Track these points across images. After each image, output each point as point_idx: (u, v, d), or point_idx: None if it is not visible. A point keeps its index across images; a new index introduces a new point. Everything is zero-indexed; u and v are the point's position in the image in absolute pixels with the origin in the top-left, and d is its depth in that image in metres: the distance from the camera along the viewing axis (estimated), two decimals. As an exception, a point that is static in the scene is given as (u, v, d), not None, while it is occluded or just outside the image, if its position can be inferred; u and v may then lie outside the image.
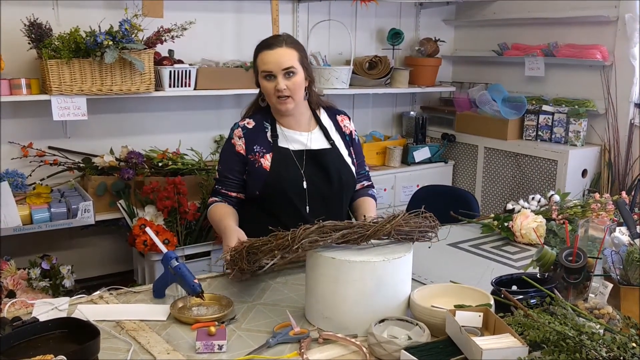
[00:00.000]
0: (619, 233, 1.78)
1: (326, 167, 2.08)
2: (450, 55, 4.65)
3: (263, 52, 2.01)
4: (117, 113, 3.38)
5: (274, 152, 2.05)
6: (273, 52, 1.99)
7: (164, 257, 1.70)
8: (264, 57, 2.00)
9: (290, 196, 2.04)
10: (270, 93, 2.01)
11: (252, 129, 2.08)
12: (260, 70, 2.01)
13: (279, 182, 2.03)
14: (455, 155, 4.35)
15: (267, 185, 2.03)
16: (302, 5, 3.89)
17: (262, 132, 2.08)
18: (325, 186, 2.08)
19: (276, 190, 2.03)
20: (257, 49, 2.05)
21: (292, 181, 2.04)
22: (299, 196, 2.05)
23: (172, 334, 1.52)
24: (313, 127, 2.14)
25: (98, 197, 3.04)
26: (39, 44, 2.81)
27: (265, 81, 2.01)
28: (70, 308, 1.64)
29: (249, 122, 2.10)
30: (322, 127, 2.15)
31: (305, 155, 2.07)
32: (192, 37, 3.21)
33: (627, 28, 3.55)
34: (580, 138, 3.75)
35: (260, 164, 2.04)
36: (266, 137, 2.08)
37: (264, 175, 2.03)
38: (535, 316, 1.37)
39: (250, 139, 2.07)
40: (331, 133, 2.16)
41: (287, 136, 2.09)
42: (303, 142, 2.09)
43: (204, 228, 3.17)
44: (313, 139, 2.11)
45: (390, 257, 1.51)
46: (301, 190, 2.05)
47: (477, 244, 2.25)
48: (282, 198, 2.04)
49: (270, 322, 1.59)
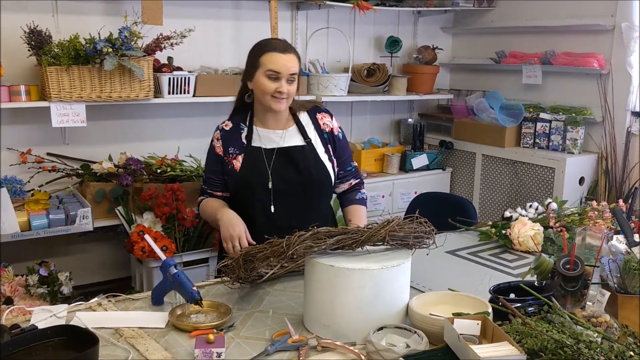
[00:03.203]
0: (616, 241, 1.79)
1: (295, 165, 2.11)
2: (448, 62, 4.67)
3: (273, 53, 2.03)
4: (116, 120, 3.38)
5: (245, 153, 2.12)
6: (285, 55, 2.04)
7: (162, 264, 1.70)
8: (273, 58, 2.03)
9: (258, 196, 2.10)
10: (269, 92, 2.04)
11: (229, 130, 2.17)
12: (267, 69, 2.02)
13: (247, 182, 2.10)
14: (453, 163, 4.36)
15: (237, 186, 2.12)
16: (300, 13, 3.90)
17: (237, 133, 2.16)
18: (291, 184, 2.10)
19: (245, 190, 2.11)
20: (264, 48, 2.06)
21: (258, 181, 2.09)
22: (265, 195, 2.10)
23: (170, 342, 1.52)
24: (290, 125, 2.17)
25: (96, 204, 3.04)
26: (39, 50, 2.81)
27: (268, 80, 2.03)
28: (68, 315, 1.64)
29: (227, 124, 2.19)
30: (299, 125, 2.18)
31: (275, 153, 2.11)
32: (191, 44, 3.22)
33: (624, 37, 3.57)
34: (577, 146, 3.76)
35: (233, 166, 2.12)
36: (240, 138, 2.15)
37: (235, 176, 2.11)
38: (533, 324, 1.38)
39: (226, 140, 2.15)
40: (308, 131, 2.18)
41: (262, 135, 2.14)
42: (276, 141, 2.13)
43: (203, 234, 3.17)
44: (287, 136, 2.15)
45: (389, 265, 1.52)
46: (267, 190, 2.09)
47: (475, 252, 2.26)
48: (251, 197, 2.11)
49: (269, 329, 1.59)
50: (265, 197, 2.09)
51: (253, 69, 2.07)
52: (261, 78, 2.04)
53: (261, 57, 2.04)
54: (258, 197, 2.09)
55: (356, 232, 1.59)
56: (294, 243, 1.54)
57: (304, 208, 2.13)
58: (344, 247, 1.58)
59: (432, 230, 1.69)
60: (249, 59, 2.10)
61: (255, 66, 2.06)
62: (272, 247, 1.59)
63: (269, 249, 1.60)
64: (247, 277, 1.75)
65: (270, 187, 2.08)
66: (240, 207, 2.12)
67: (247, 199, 2.11)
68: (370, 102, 4.29)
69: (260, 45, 2.09)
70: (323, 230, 1.58)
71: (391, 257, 1.58)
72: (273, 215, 2.09)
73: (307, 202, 2.14)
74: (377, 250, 1.63)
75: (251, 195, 2.10)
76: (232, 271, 1.75)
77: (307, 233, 1.56)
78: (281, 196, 2.10)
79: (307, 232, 1.56)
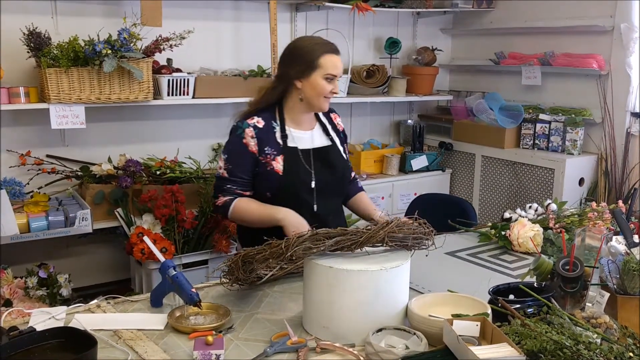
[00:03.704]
0: (615, 242, 1.79)
1: (332, 164, 2.18)
2: (448, 64, 4.67)
3: (333, 55, 2.08)
4: (115, 121, 3.38)
5: (284, 154, 2.10)
6: (339, 57, 2.10)
7: (161, 266, 1.70)
8: (333, 61, 2.07)
9: (301, 196, 2.11)
10: (324, 92, 2.08)
11: (263, 128, 2.11)
12: (327, 72, 2.05)
13: (292, 184, 2.10)
14: (452, 164, 4.35)
15: (280, 188, 2.09)
16: (300, 14, 3.90)
17: (271, 132, 2.12)
18: (331, 183, 2.18)
19: (288, 192, 2.10)
20: (322, 49, 2.07)
21: (303, 182, 2.11)
22: (309, 195, 2.13)
23: (169, 343, 1.52)
24: (314, 125, 2.23)
25: (96, 206, 3.04)
26: (38, 52, 2.81)
27: (325, 81, 2.07)
28: (67, 317, 1.64)
29: (259, 122, 2.11)
30: (321, 125, 2.24)
31: (312, 153, 2.15)
32: (190, 45, 3.22)
33: (623, 38, 3.57)
34: (577, 147, 3.76)
35: (272, 167, 2.09)
36: (275, 138, 2.12)
37: (277, 178, 2.08)
38: (533, 325, 1.37)
39: (261, 139, 2.09)
40: (330, 130, 2.25)
41: (294, 136, 2.15)
42: (307, 141, 2.17)
43: (202, 236, 3.16)
44: (315, 136, 2.20)
45: (388, 266, 1.51)
46: (310, 189, 2.13)
47: (475, 253, 2.25)
48: (293, 199, 2.10)
49: (268, 331, 1.59)
50: (309, 196, 2.13)
51: (310, 69, 2.06)
52: (319, 79, 2.06)
53: (320, 59, 2.05)
54: (302, 197, 2.11)
55: (355, 234, 1.58)
56: (293, 244, 1.54)
57: (338, 204, 2.26)
58: (343, 249, 1.58)
59: (431, 232, 1.69)
60: (302, 57, 2.07)
61: (313, 67, 2.05)
62: (271, 248, 1.59)
63: (268, 250, 1.60)
64: (246, 278, 1.75)
65: (314, 186, 2.12)
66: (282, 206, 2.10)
67: (290, 199, 2.08)
68: (370, 103, 4.29)
69: (316, 45, 2.08)
70: (322, 232, 1.57)
71: (390, 258, 1.58)
72: (316, 213, 2.12)
73: (340, 196, 2.27)
74: (376, 252, 1.63)
75: (295, 196, 2.10)
76: (231, 273, 1.75)
77: (306, 234, 1.56)
78: (322, 195, 2.15)
79: (306, 234, 1.56)
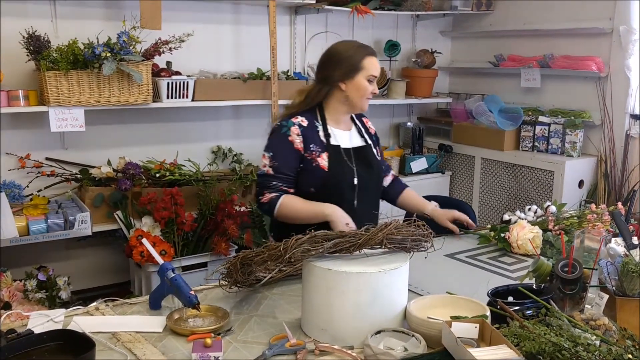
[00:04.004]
0: (614, 244, 1.79)
1: (369, 162, 2.28)
2: (447, 66, 4.67)
3: (372, 57, 2.20)
4: (114, 124, 3.39)
5: (328, 151, 2.18)
6: (377, 60, 2.23)
7: (160, 268, 1.70)
8: (373, 63, 2.20)
9: (344, 192, 2.18)
10: (366, 93, 2.20)
11: (307, 127, 2.19)
12: (370, 73, 2.18)
13: (336, 180, 2.17)
14: (452, 166, 4.36)
15: (324, 184, 2.15)
16: (299, 17, 3.91)
17: (314, 130, 2.20)
18: (369, 180, 2.26)
19: (332, 188, 2.17)
20: (365, 52, 2.19)
21: (346, 178, 2.19)
22: (351, 191, 2.20)
23: (168, 346, 1.52)
24: (351, 126, 2.33)
25: (95, 208, 3.04)
26: (37, 55, 2.82)
27: (367, 83, 2.19)
28: (66, 320, 1.63)
29: (303, 120, 2.20)
30: (356, 126, 2.35)
31: (352, 152, 2.25)
32: (190, 48, 3.23)
33: (622, 40, 3.57)
34: (576, 149, 3.76)
35: (318, 164, 2.15)
36: (319, 136, 2.19)
37: (322, 173, 2.15)
38: (531, 327, 1.37)
39: (306, 136, 2.17)
40: (364, 132, 2.37)
41: (336, 134, 2.24)
42: (347, 140, 2.26)
43: (202, 239, 3.16)
44: (353, 136, 2.30)
45: (387, 268, 1.51)
46: (352, 186, 2.20)
47: (474, 255, 2.25)
48: (336, 195, 2.16)
49: (267, 333, 1.59)
50: (350, 192, 2.20)
51: (354, 71, 2.17)
52: (362, 81, 2.17)
53: (363, 61, 2.17)
54: (344, 193, 2.18)
55: (354, 236, 1.58)
56: (292, 246, 1.53)
57: (374, 201, 2.33)
58: (341, 251, 1.58)
59: (430, 234, 1.69)
60: (346, 60, 2.17)
61: (357, 69, 2.17)
62: (270, 250, 1.59)
63: (267, 252, 1.60)
64: (244, 281, 1.75)
65: (356, 183, 2.20)
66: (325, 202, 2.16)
67: (333, 195, 2.15)
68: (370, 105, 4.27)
69: (359, 48, 2.21)
70: (320, 234, 1.57)
71: (389, 260, 1.58)
72: (355, 209, 2.19)
73: (377, 194, 2.36)
74: (375, 254, 1.62)
75: (338, 192, 2.17)
76: (230, 275, 1.75)
77: (305, 236, 1.56)
78: (362, 191, 2.23)
79: (305, 236, 1.56)
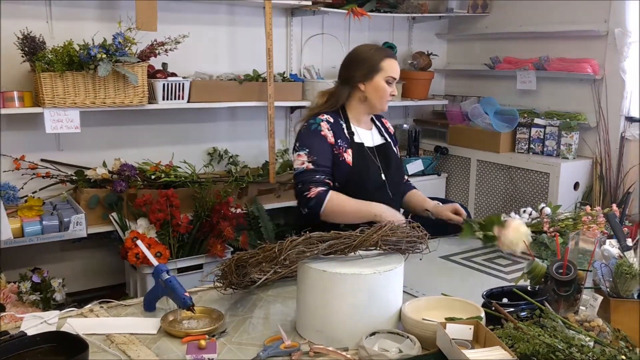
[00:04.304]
0: (609, 245, 1.79)
1: (392, 160, 2.36)
2: (443, 68, 4.68)
3: (391, 59, 2.29)
4: (110, 126, 3.38)
5: (352, 148, 2.24)
6: (397, 62, 2.31)
7: (154, 270, 1.70)
8: (393, 65, 2.28)
9: (370, 189, 2.24)
10: (385, 94, 2.28)
11: (333, 123, 2.25)
12: (388, 75, 2.26)
13: (359, 176, 2.23)
14: (448, 168, 4.36)
15: (348, 179, 2.22)
16: (295, 19, 3.91)
17: (339, 127, 2.27)
18: (394, 177, 2.35)
19: (357, 183, 2.23)
20: (384, 54, 2.28)
21: (372, 174, 2.27)
22: (379, 187, 2.28)
23: (162, 348, 1.51)
24: (371, 126, 2.41)
25: (90, 210, 3.03)
26: (32, 56, 2.81)
27: (386, 84, 2.27)
28: (59, 322, 1.63)
29: (329, 117, 2.27)
30: (376, 126, 2.43)
31: (376, 150, 2.32)
32: (186, 50, 3.22)
33: (617, 42, 3.58)
34: (572, 151, 3.77)
35: (344, 158, 2.23)
36: (344, 133, 2.25)
37: (347, 169, 2.21)
38: (526, 329, 1.37)
39: (334, 131, 2.25)
40: (384, 132, 2.45)
41: (359, 133, 2.32)
42: (369, 139, 2.34)
43: (197, 240, 3.16)
44: (374, 135, 2.39)
45: (382, 270, 1.51)
46: (381, 181, 2.29)
47: (469, 257, 2.25)
48: (361, 191, 2.22)
49: (261, 335, 1.59)
50: (380, 188, 2.28)
51: (373, 72, 2.25)
52: (381, 82, 2.26)
53: (382, 62, 2.26)
54: (370, 190, 2.24)
55: (348, 237, 1.58)
56: (286, 248, 1.53)
57: (399, 197, 2.43)
58: (336, 252, 1.58)
59: (425, 235, 1.69)
60: (365, 62, 2.26)
61: (376, 70, 2.25)
62: (265, 252, 1.59)
63: (262, 254, 1.60)
64: (239, 282, 1.75)
65: (384, 178, 2.29)
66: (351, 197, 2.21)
67: (358, 191, 2.20)
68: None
69: (379, 50, 2.31)
70: (315, 235, 1.57)
71: (384, 261, 1.58)
72: (390, 203, 2.24)
73: (399, 193, 2.44)
74: (370, 255, 1.62)
75: (363, 188, 2.23)
76: (225, 277, 1.74)
77: (300, 238, 1.56)
78: (392, 187, 2.32)
79: (300, 237, 1.56)
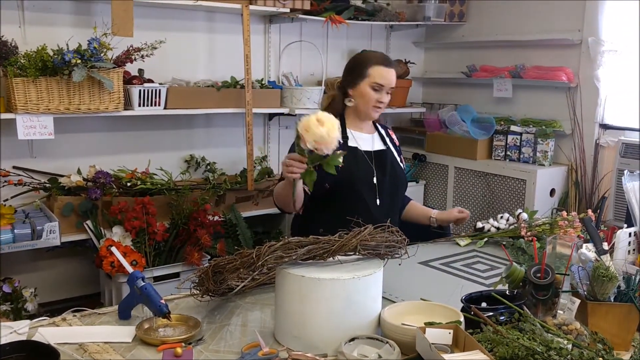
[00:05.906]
0: (585, 249, 1.80)
1: (392, 166, 2.34)
2: (421, 76, 4.71)
3: (381, 67, 2.25)
4: (85, 132, 3.33)
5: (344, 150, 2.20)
6: (390, 70, 2.27)
7: (129, 277, 1.66)
8: (381, 72, 2.24)
9: (360, 190, 2.23)
10: (370, 101, 2.27)
11: None
12: (374, 81, 2.24)
13: (348, 179, 2.21)
14: (426, 175, 4.38)
15: (338, 179, 2.13)
16: (273, 26, 3.91)
17: None
18: (390, 182, 2.32)
19: (345, 185, 2.21)
20: (371, 61, 2.26)
21: (362, 176, 2.25)
22: (370, 190, 2.25)
23: (137, 356, 1.48)
24: (374, 131, 2.42)
25: (64, 218, 2.97)
26: (4, 61, 2.76)
27: (372, 90, 2.26)
28: (30, 331, 1.58)
29: None
30: (379, 132, 2.44)
31: (373, 154, 2.32)
32: (163, 56, 3.19)
33: (591, 51, 3.65)
34: (547, 158, 3.81)
35: None
36: None
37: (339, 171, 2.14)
38: (505, 332, 1.37)
39: None
40: (386, 139, 2.44)
41: (356, 137, 2.32)
42: (368, 143, 2.34)
43: (174, 249, 3.12)
44: (375, 140, 2.39)
45: (360, 275, 1.50)
46: (371, 185, 2.26)
47: (448, 262, 2.26)
48: (351, 192, 2.22)
49: (239, 342, 1.56)
50: (369, 191, 2.25)
51: (358, 78, 2.26)
52: (366, 88, 2.25)
53: (369, 69, 2.24)
54: (360, 191, 2.23)
55: (327, 242, 1.57)
56: (264, 253, 1.51)
57: (396, 205, 2.40)
58: (315, 257, 1.57)
59: (404, 240, 1.68)
60: (354, 68, 2.28)
61: (362, 76, 2.25)
62: (242, 257, 1.57)
63: (239, 259, 1.58)
64: (217, 289, 1.72)
65: (375, 182, 2.26)
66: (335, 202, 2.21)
67: (347, 193, 2.20)
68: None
69: (367, 57, 2.32)
70: (294, 241, 1.56)
71: (363, 266, 1.57)
72: (378, 207, 2.25)
73: (399, 198, 2.42)
74: (349, 260, 1.61)
75: (353, 190, 2.22)
76: (202, 284, 1.71)
77: (278, 243, 1.54)
78: (383, 191, 2.29)
79: (278, 243, 1.54)
